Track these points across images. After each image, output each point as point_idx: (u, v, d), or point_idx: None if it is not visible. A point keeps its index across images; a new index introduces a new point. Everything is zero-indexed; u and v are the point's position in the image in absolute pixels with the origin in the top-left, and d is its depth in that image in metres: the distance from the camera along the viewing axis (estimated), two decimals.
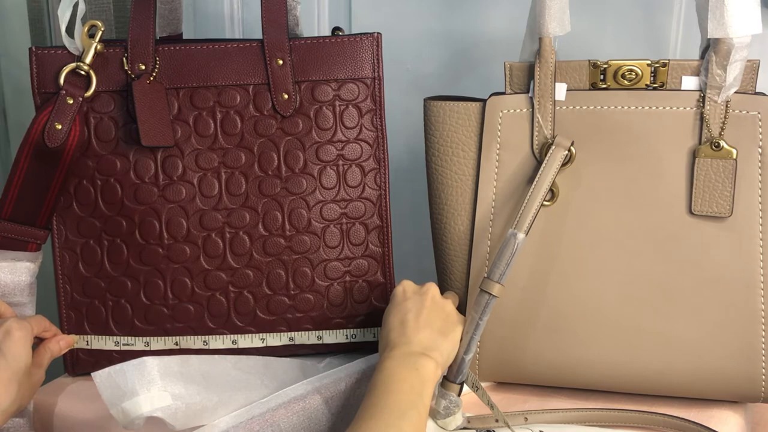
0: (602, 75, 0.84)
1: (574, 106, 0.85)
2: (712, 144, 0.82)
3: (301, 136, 0.92)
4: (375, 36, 0.92)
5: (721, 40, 0.79)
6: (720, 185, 0.82)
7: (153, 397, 0.77)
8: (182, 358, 0.83)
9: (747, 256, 0.82)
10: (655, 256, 0.84)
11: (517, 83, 0.87)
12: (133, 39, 0.90)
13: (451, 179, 0.89)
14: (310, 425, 0.81)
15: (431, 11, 1.18)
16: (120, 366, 0.78)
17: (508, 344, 0.88)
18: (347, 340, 0.95)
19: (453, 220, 0.89)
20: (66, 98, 0.87)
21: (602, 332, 0.85)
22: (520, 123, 0.86)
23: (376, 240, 0.95)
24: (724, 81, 0.80)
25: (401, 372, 0.75)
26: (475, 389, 0.83)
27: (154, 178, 0.91)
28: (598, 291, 0.85)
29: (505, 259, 0.80)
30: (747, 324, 0.83)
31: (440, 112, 0.88)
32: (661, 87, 0.83)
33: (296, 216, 0.93)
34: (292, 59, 0.91)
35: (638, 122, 0.83)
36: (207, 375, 0.84)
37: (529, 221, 0.81)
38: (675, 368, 0.85)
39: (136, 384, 0.77)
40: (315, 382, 0.84)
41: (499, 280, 0.80)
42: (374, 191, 0.94)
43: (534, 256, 0.86)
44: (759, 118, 0.81)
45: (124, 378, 0.78)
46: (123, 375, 0.78)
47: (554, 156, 0.83)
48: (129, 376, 0.78)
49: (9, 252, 0.89)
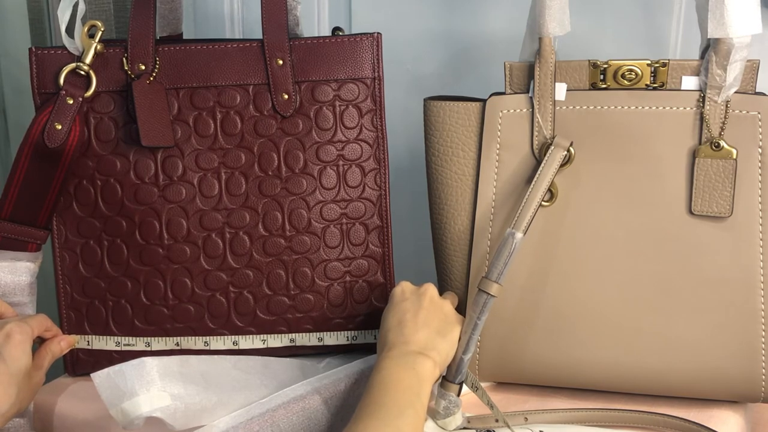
0: (602, 75, 0.84)
1: (574, 106, 0.85)
2: (712, 144, 0.81)
3: (302, 137, 0.92)
4: (375, 36, 0.92)
5: (721, 40, 0.79)
6: (720, 185, 0.82)
7: (152, 398, 0.76)
8: (181, 358, 0.83)
9: (747, 256, 0.82)
10: (655, 256, 0.84)
11: (517, 83, 0.87)
12: (133, 39, 0.90)
13: (451, 179, 0.89)
14: (310, 425, 0.81)
15: (431, 11, 1.18)
16: (119, 366, 0.78)
17: (507, 344, 0.88)
18: (348, 342, 0.95)
19: (453, 219, 0.89)
20: (66, 98, 0.87)
21: (602, 332, 0.85)
22: (520, 123, 0.86)
23: (376, 240, 0.94)
24: (724, 81, 0.80)
25: (399, 371, 0.75)
26: (475, 389, 0.83)
27: (154, 179, 0.91)
28: (598, 291, 0.85)
29: (503, 259, 0.80)
30: (747, 324, 0.83)
31: (440, 112, 0.88)
32: (661, 87, 0.83)
33: (296, 216, 0.93)
34: (292, 59, 0.91)
35: (638, 122, 0.83)
36: (206, 375, 0.84)
37: (527, 221, 0.81)
38: (675, 368, 0.85)
39: (135, 384, 0.77)
40: (314, 382, 0.84)
41: (497, 279, 0.80)
42: (374, 191, 0.94)
43: (533, 256, 0.86)
44: (759, 118, 0.81)
45: (123, 378, 0.78)
46: (122, 375, 0.78)
47: (553, 156, 0.83)
48: (128, 376, 0.77)
49: (9, 252, 0.89)
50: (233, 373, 0.87)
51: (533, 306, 0.87)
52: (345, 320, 0.95)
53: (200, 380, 0.82)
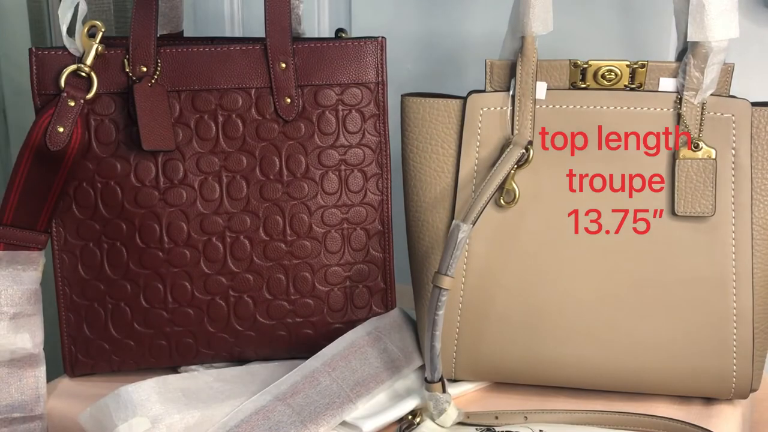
0: (582, 75, 0.85)
1: (554, 105, 0.86)
2: (692, 144, 0.83)
3: (304, 141, 0.91)
4: (379, 40, 0.91)
5: (699, 43, 0.80)
6: (702, 185, 0.83)
7: (131, 426, 0.77)
8: (158, 380, 0.83)
9: (720, 256, 0.83)
10: (631, 256, 0.85)
11: (497, 81, 0.87)
12: (135, 41, 0.89)
13: (430, 176, 0.88)
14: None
15: (432, 11, 1.18)
16: (99, 402, 0.80)
17: (483, 342, 0.88)
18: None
19: (432, 216, 0.89)
20: (67, 101, 0.87)
21: (577, 330, 0.86)
22: (500, 121, 0.86)
23: (377, 245, 0.94)
24: (702, 83, 0.82)
25: None
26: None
27: (154, 182, 0.91)
28: (575, 289, 0.86)
29: (449, 251, 0.80)
30: (719, 323, 0.84)
31: (419, 109, 0.88)
32: (639, 88, 0.84)
33: (297, 221, 0.92)
34: (295, 63, 0.90)
35: (617, 122, 0.84)
36: (187, 391, 0.83)
37: (475, 214, 0.81)
38: (649, 366, 0.86)
39: (114, 417, 0.78)
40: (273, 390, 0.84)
41: (446, 272, 0.80)
42: (376, 196, 0.94)
43: (510, 254, 0.86)
44: (733, 120, 0.83)
45: (103, 414, 0.79)
46: (102, 411, 0.80)
47: (510, 154, 0.83)
48: (107, 410, 0.79)
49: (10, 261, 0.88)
50: (216, 385, 0.87)
51: (509, 304, 0.87)
52: (345, 325, 0.94)
53: (180, 398, 0.82)
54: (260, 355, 0.95)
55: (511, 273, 0.86)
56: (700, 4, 0.79)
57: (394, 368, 0.89)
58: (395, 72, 1.00)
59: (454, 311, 0.87)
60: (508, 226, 0.86)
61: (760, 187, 0.83)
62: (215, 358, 0.95)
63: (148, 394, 0.80)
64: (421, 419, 0.84)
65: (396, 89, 0.92)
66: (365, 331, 0.91)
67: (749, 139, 0.83)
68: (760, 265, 0.83)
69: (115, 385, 0.82)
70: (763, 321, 0.84)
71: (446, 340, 0.87)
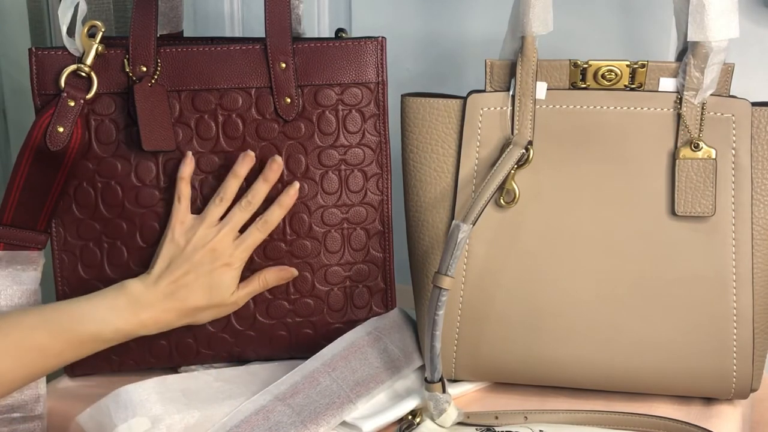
0: (582, 75, 0.85)
1: (554, 105, 0.86)
2: (691, 144, 0.83)
3: (304, 141, 0.91)
4: (380, 40, 0.91)
5: (699, 43, 0.80)
6: (702, 185, 0.83)
7: (131, 426, 0.77)
8: (157, 380, 0.83)
9: (720, 255, 0.83)
10: (632, 256, 0.85)
11: (497, 81, 0.87)
12: (135, 41, 0.89)
13: (430, 176, 0.88)
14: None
15: (432, 11, 1.18)
16: (98, 403, 0.79)
17: (484, 342, 0.88)
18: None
19: (432, 216, 0.89)
20: (68, 101, 0.87)
21: (577, 330, 0.86)
22: (500, 121, 0.86)
23: (377, 245, 0.94)
24: (702, 83, 0.82)
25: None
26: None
27: (155, 181, 0.91)
28: (576, 289, 0.86)
29: (450, 251, 0.80)
30: (720, 323, 0.84)
31: (420, 109, 0.88)
32: (639, 88, 0.84)
33: (297, 220, 0.92)
34: (295, 63, 0.90)
35: (616, 122, 0.84)
36: (187, 391, 0.83)
37: (475, 214, 0.81)
38: (649, 366, 0.86)
39: (113, 418, 0.78)
40: (273, 390, 0.84)
41: (446, 272, 0.80)
42: (376, 196, 0.94)
43: (510, 254, 0.86)
44: (733, 120, 0.83)
45: (102, 414, 0.79)
46: (102, 411, 0.79)
47: (510, 154, 0.83)
48: (107, 411, 0.79)
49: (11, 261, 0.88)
50: (216, 385, 0.87)
51: (509, 304, 0.87)
52: (344, 325, 0.94)
53: (180, 398, 0.82)
54: (260, 355, 0.95)
55: (511, 273, 0.86)
56: (701, 4, 0.79)
57: (394, 368, 0.89)
58: (395, 72, 0.99)
59: (454, 311, 0.87)
60: (508, 226, 0.86)
61: (760, 187, 0.83)
62: (215, 358, 0.95)
63: (148, 394, 0.80)
64: (421, 419, 0.84)
65: (396, 89, 0.92)
66: (365, 331, 0.91)
67: (749, 139, 0.83)
68: (760, 265, 0.83)
69: (115, 385, 0.83)
70: (763, 321, 0.84)
71: (446, 340, 0.87)
